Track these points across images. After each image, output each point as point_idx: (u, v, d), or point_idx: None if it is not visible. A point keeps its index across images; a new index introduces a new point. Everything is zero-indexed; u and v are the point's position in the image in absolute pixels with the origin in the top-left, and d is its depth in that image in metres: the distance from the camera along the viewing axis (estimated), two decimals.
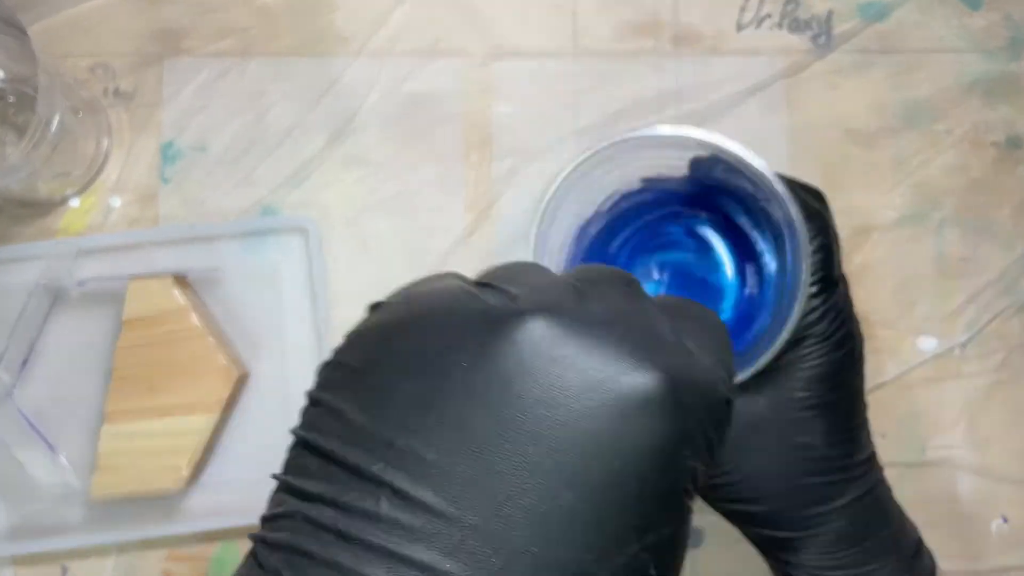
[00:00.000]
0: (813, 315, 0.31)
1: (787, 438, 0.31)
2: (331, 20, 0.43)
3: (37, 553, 0.40)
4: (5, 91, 0.42)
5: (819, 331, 0.31)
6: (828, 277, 0.31)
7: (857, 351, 0.32)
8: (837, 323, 0.31)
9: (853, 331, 0.32)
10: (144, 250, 0.41)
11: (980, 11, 0.44)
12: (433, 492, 0.16)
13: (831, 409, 0.31)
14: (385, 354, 0.18)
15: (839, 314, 0.31)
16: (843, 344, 0.31)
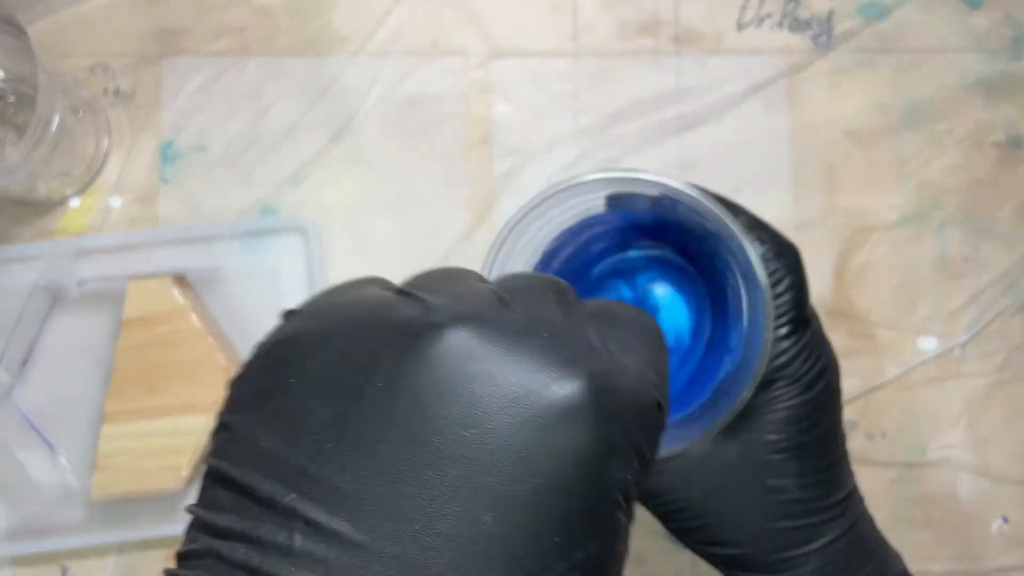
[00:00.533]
0: (783, 357, 0.30)
1: (760, 482, 0.30)
2: (330, 20, 0.43)
3: (37, 553, 0.40)
4: (5, 91, 0.42)
5: (790, 373, 0.30)
6: (799, 317, 0.31)
7: (833, 385, 0.32)
8: (809, 363, 0.30)
9: (828, 365, 0.31)
10: (144, 250, 0.41)
11: (981, 10, 0.44)
12: (349, 523, 0.15)
13: (804, 451, 0.30)
14: (296, 372, 0.17)
15: (811, 354, 0.31)
16: (815, 384, 0.31)
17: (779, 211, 0.43)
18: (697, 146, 0.43)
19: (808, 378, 0.30)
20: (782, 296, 0.30)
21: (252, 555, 0.15)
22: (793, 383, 0.30)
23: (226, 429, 0.18)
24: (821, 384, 0.31)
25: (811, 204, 0.43)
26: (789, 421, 0.30)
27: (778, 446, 0.30)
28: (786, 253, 0.31)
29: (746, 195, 0.43)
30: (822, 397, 0.31)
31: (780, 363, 0.30)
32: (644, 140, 0.43)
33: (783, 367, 0.30)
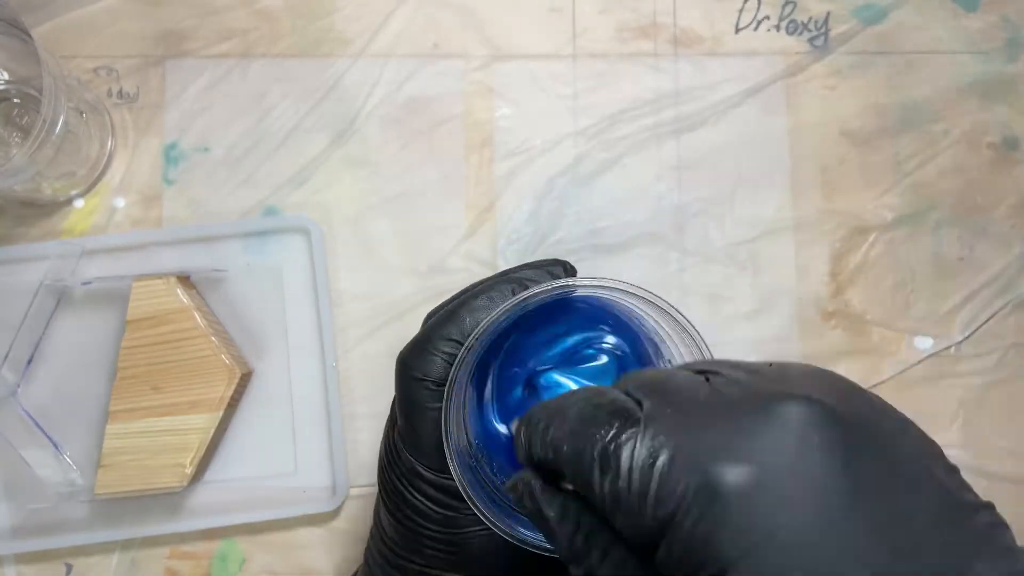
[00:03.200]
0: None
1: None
2: (332, 22, 0.44)
3: (41, 550, 0.41)
4: (10, 93, 0.42)
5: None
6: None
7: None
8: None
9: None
10: (148, 250, 0.42)
11: (977, 13, 0.45)
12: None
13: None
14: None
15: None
16: None
17: (776, 212, 0.44)
18: (695, 147, 0.44)
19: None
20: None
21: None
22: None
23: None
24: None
25: (808, 205, 0.44)
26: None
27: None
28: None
29: (744, 196, 0.44)
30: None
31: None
32: (642, 141, 0.44)
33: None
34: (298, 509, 0.41)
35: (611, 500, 0.20)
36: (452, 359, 0.30)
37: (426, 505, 0.30)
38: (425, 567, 0.31)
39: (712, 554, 0.18)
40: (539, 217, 0.43)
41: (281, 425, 0.42)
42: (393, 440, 0.32)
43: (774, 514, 0.18)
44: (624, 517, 0.20)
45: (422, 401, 0.30)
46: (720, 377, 0.21)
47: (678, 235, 0.43)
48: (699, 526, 0.19)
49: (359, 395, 0.42)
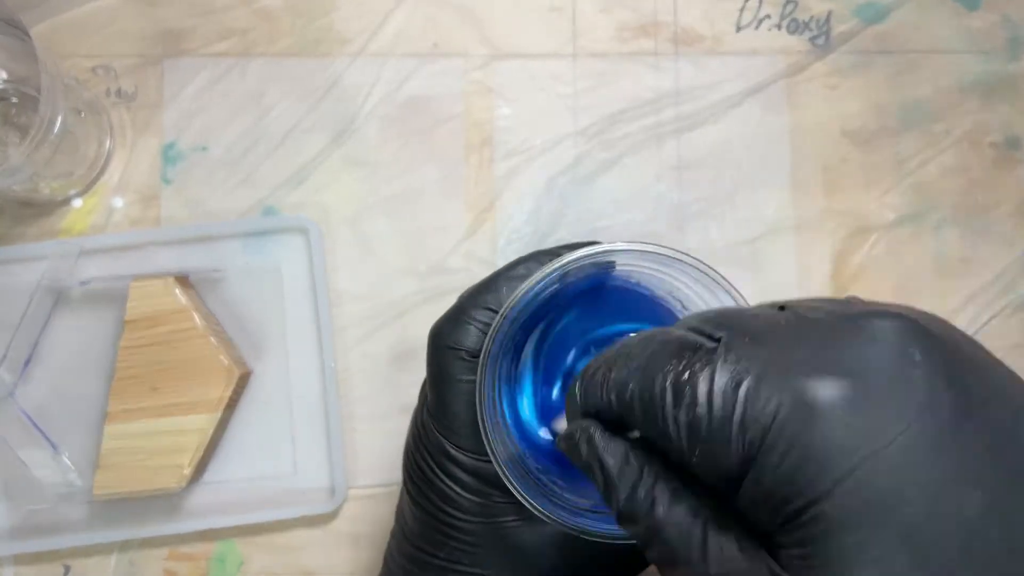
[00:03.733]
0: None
1: None
2: (331, 21, 0.44)
3: (39, 552, 0.41)
4: (7, 92, 0.42)
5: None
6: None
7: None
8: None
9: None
10: (146, 250, 0.42)
11: (978, 12, 0.45)
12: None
13: None
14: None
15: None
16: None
17: (777, 212, 0.43)
18: (696, 147, 0.44)
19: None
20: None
21: None
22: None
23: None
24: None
25: (809, 205, 0.44)
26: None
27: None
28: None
29: (744, 196, 0.44)
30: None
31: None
32: (643, 141, 0.44)
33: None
34: (297, 510, 0.41)
35: (688, 433, 0.18)
36: (487, 328, 0.28)
37: (454, 490, 0.29)
38: (448, 562, 0.29)
39: (812, 476, 0.17)
40: (539, 217, 0.43)
41: (280, 426, 0.41)
42: (423, 419, 0.30)
43: (879, 430, 0.16)
44: (704, 450, 0.18)
45: (455, 373, 0.28)
46: (800, 307, 0.19)
47: (678, 235, 0.43)
48: (795, 448, 0.17)
49: (358, 395, 0.42)
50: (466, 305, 0.29)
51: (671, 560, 0.19)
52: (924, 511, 0.16)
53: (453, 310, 0.29)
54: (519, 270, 0.29)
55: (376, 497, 0.42)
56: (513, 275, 0.29)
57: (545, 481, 0.28)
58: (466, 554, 0.29)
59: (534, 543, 0.29)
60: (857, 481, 0.16)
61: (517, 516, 0.29)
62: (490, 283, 0.29)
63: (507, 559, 0.29)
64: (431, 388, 0.30)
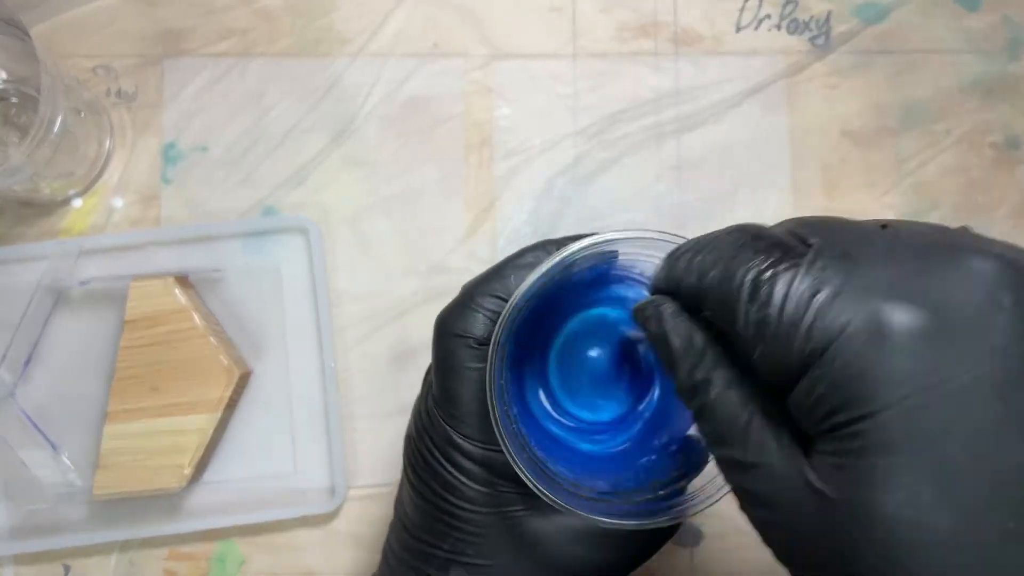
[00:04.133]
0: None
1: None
2: (331, 21, 0.44)
3: (39, 552, 0.41)
4: (7, 92, 0.42)
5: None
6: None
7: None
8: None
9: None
10: (146, 250, 0.42)
11: (978, 12, 0.45)
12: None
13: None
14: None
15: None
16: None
17: (777, 212, 0.44)
18: (695, 147, 0.44)
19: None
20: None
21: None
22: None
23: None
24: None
25: (809, 205, 0.44)
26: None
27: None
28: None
29: (744, 196, 0.44)
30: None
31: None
32: (643, 141, 0.44)
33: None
34: (297, 510, 0.41)
35: (756, 330, 0.19)
36: (495, 316, 0.28)
37: (460, 480, 0.28)
38: (452, 553, 0.29)
39: (862, 394, 0.17)
40: (539, 217, 0.43)
41: (280, 426, 0.41)
42: (427, 408, 0.30)
43: (946, 365, 0.17)
44: (766, 349, 0.18)
45: (462, 361, 0.28)
46: (903, 227, 0.19)
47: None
48: (855, 362, 0.17)
49: (358, 395, 0.42)
50: (473, 293, 0.29)
51: (717, 439, 0.20)
52: (964, 452, 0.16)
53: (460, 298, 0.29)
54: (527, 258, 0.29)
55: (376, 497, 0.42)
56: (521, 263, 0.29)
57: (553, 470, 0.28)
58: (471, 545, 0.29)
59: (543, 532, 0.29)
60: (906, 409, 0.17)
61: (525, 506, 0.29)
62: (498, 271, 0.29)
63: (515, 549, 0.29)
64: (437, 377, 0.29)
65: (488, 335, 0.28)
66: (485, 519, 0.28)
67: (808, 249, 0.19)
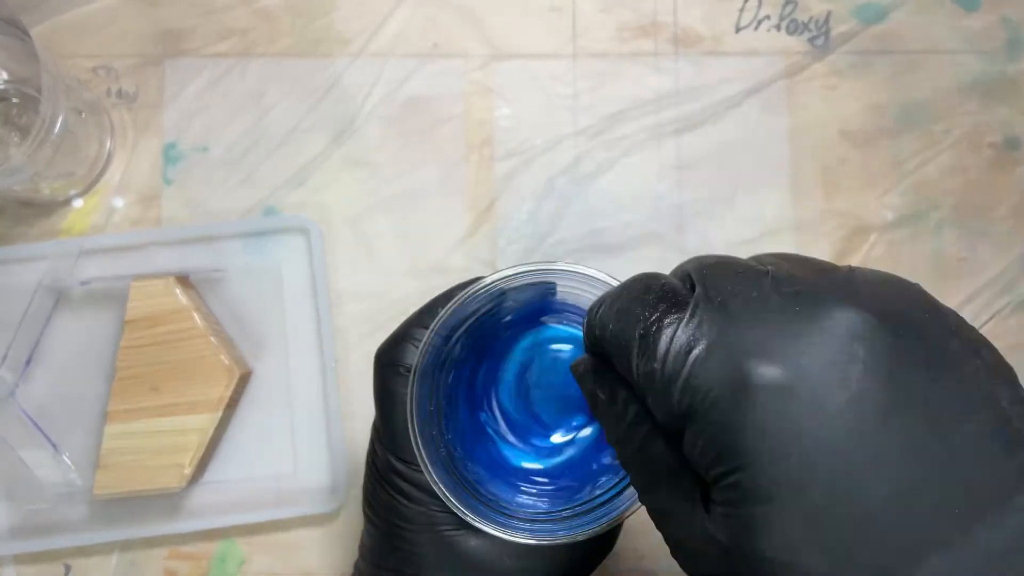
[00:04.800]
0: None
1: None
2: (331, 21, 0.44)
3: (40, 551, 0.41)
4: (8, 92, 0.42)
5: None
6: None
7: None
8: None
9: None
10: (146, 250, 0.42)
11: (977, 12, 0.45)
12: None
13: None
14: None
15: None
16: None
17: (777, 212, 0.44)
18: (695, 147, 0.44)
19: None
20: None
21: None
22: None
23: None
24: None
25: (808, 205, 0.44)
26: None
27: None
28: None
29: (744, 196, 0.44)
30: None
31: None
32: (643, 141, 0.44)
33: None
34: (297, 510, 0.41)
35: (644, 381, 0.20)
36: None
37: (400, 502, 0.30)
38: (396, 572, 0.30)
39: (732, 448, 0.18)
40: (539, 217, 0.43)
41: (280, 426, 0.42)
42: (372, 438, 0.32)
43: (803, 418, 0.18)
44: (654, 399, 0.20)
45: (395, 389, 0.30)
46: (783, 273, 0.20)
47: (678, 235, 0.43)
48: (723, 418, 0.18)
49: (358, 395, 0.42)
50: (407, 326, 0.31)
51: (638, 487, 0.22)
52: (825, 496, 0.18)
53: (395, 332, 0.31)
54: (458, 292, 0.30)
55: None
56: (452, 296, 0.30)
57: (487, 491, 0.29)
58: (411, 564, 0.30)
59: (479, 548, 0.30)
60: (770, 460, 0.18)
61: (458, 525, 0.30)
62: (432, 306, 0.31)
63: (453, 566, 0.30)
64: (376, 405, 0.31)
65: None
66: (423, 538, 0.30)
67: (692, 298, 0.20)
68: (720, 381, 0.19)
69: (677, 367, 0.19)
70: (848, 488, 0.17)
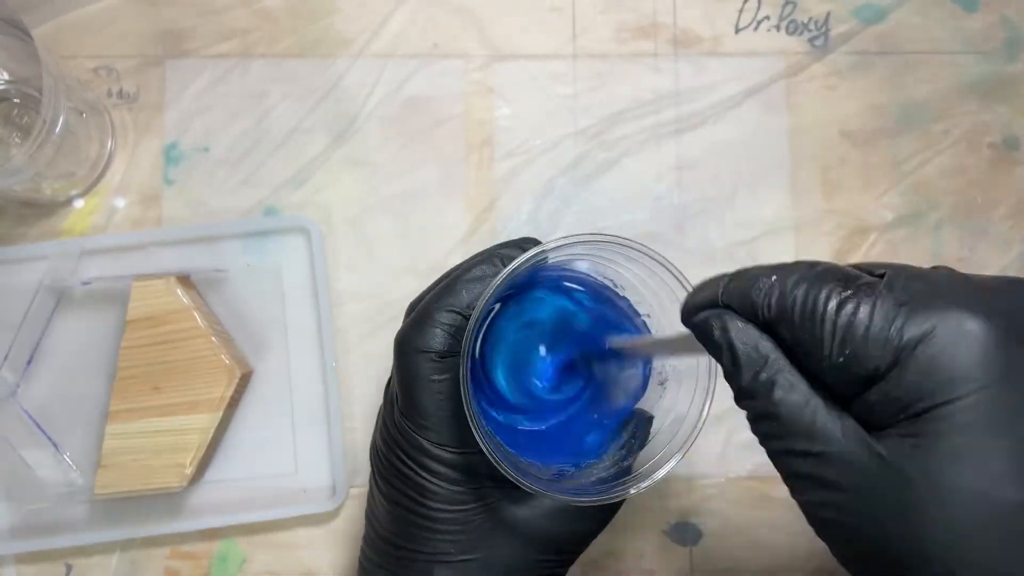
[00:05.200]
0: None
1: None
2: (332, 22, 0.44)
3: (41, 551, 0.41)
4: (9, 93, 0.42)
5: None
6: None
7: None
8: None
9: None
10: (147, 250, 0.42)
11: (976, 13, 0.45)
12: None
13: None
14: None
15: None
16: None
17: (776, 212, 0.44)
18: (695, 147, 0.44)
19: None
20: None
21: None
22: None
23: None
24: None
25: (808, 205, 0.44)
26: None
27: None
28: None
29: (743, 196, 0.44)
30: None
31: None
32: (642, 142, 0.44)
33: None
34: (298, 509, 0.41)
35: (844, 335, 0.21)
36: (452, 330, 0.30)
37: (435, 483, 0.30)
38: (433, 556, 0.31)
39: (948, 384, 0.20)
40: (539, 217, 0.43)
41: (281, 425, 0.42)
42: (395, 422, 0.32)
43: (1014, 360, 0.20)
44: (856, 349, 0.21)
45: (426, 374, 0.30)
46: (917, 272, 0.22)
47: (678, 235, 0.43)
48: (942, 358, 0.20)
49: (359, 395, 0.42)
50: (431, 309, 0.31)
51: (777, 435, 0.23)
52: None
53: (417, 316, 0.31)
54: (475, 272, 0.31)
55: None
56: (470, 277, 0.31)
57: (525, 460, 0.31)
58: (454, 543, 0.31)
59: (519, 516, 0.31)
60: (984, 397, 0.19)
61: (497, 497, 0.31)
62: (450, 287, 0.31)
63: (496, 537, 0.31)
64: (402, 391, 0.31)
65: (447, 348, 0.30)
66: (464, 516, 0.31)
67: (879, 280, 0.22)
68: (938, 327, 0.20)
69: (890, 316, 0.20)
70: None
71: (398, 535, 0.31)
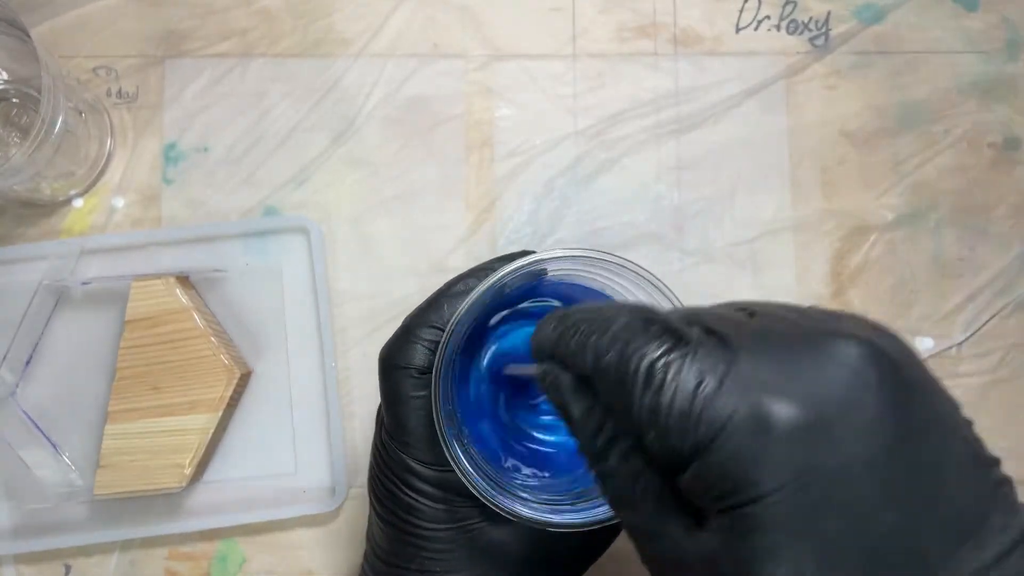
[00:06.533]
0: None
1: None
2: (332, 22, 0.44)
3: (40, 551, 0.41)
4: (8, 92, 0.42)
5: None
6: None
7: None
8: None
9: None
10: (147, 250, 0.42)
11: (977, 13, 0.45)
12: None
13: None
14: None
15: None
16: None
17: (776, 212, 0.44)
18: (695, 147, 0.44)
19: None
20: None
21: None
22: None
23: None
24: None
25: (808, 205, 0.44)
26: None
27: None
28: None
29: (743, 196, 0.44)
30: None
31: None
32: (642, 141, 0.44)
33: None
34: (298, 509, 0.41)
35: (649, 415, 0.20)
36: (434, 346, 0.30)
37: (420, 501, 0.30)
38: (420, 573, 0.31)
39: (749, 481, 0.18)
40: (539, 217, 0.43)
41: (280, 425, 0.42)
42: (382, 441, 0.32)
43: (821, 452, 0.18)
44: (659, 434, 0.20)
45: (407, 391, 0.30)
46: (771, 313, 0.21)
47: (678, 235, 0.43)
48: (741, 453, 0.18)
49: (358, 395, 0.42)
50: (411, 326, 0.31)
51: (615, 503, 0.22)
52: (840, 526, 0.18)
53: (399, 332, 0.31)
54: (459, 287, 0.31)
55: None
56: (453, 293, 0.31)
57: (508, 482, 0.30)
58: (438, 562, 0.31)
59: (501, 540, 0.31)
60: (788, 493, 0.18)
61: (481, 518, 0.31)
62: (432, 303, 0.31)
63: (478, 559, 0.31)
64: (386, 409, 0.31)
65: (428, 364, 0.30)
66: (447, 535, 0.30)
67: (698, 339, 0.20)
68: (734, 415, 0.19)
69: (686, 401, 0.19)
70: (863, 517, 0.18)
71: (391, 553, 0.32)
